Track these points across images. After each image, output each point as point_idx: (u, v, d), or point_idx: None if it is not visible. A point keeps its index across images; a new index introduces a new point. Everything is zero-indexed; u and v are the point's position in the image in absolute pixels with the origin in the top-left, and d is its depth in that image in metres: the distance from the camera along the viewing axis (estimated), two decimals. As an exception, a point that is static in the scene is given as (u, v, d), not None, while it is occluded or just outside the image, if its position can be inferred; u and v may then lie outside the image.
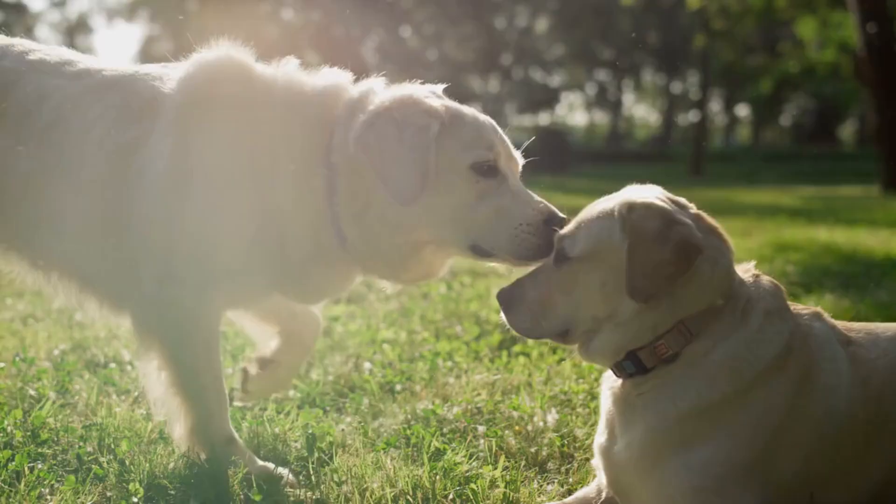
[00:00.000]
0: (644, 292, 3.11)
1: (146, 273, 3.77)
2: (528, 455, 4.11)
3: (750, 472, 3.12)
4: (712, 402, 3.14)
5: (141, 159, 3.77)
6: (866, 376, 3.28)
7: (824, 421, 3.19)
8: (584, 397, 4.85)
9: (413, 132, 3.58)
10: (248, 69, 3.85)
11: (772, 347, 3.19)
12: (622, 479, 3.31)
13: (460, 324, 6.71)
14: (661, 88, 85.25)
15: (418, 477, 3.75)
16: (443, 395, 4.99)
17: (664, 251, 3.08)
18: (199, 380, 3.85)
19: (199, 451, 3.90)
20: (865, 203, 22.73)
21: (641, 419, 3.23)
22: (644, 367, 3.24)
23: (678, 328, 3.19)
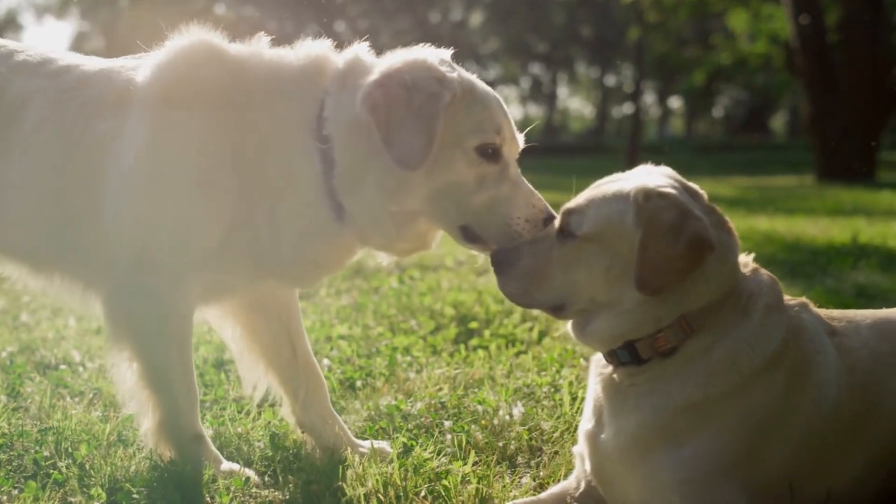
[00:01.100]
0: (652, 285, 3.05)
1: (120, 261, 3.68)
2: (496, 449, 4.06)
3: (739, 466, 3.09)
4: (708, 398, 3.10)
5: (117, 147, 3.68)
6: (852, 366, 3.27)
7: (814, 413, 3.17)
8: (547, 390, 4.81)
9: (423, 98, 3.49)
10: (222, 51, 3.76)
11: (771, 343, 3.16)
12: (608, 468, 3.26)
13: (414, 318, 6.65)
14: (595, 81, 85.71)
15: (388, 474, 3.68)
16: (405, 390, 4.93)
17: (677, 246, 3.01)
18: (170, 373, 3.76)
19: (166, 448, 3.81)
20: (801, 192, 23.00)
21: (634, 410, 3.17)
22: (640, 357, 3.18)
23: (679, 322, 3.13)
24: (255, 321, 4.14)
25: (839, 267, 9.59)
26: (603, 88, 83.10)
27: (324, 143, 3.61)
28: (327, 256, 3.81)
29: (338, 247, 3.78)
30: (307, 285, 4.19)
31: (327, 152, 3.61)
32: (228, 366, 5.43)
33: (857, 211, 16.84)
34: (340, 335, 6.12)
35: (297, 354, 4.16)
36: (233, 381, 5.08)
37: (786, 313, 3.24)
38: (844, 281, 8.67)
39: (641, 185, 3.15)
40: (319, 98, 3.66)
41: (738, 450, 3.09)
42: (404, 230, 3.65)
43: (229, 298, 4.02)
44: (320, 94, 3.67)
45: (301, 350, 4.17)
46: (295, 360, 4.16)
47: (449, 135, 3.52)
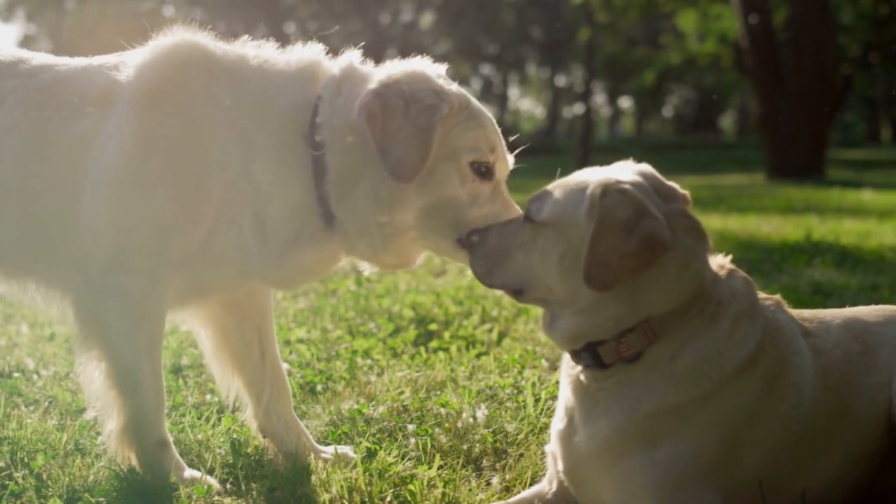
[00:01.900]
0: (600, 281, 2.99)
1: (94, 260, 3.61)
2: (461, 453, 4.02)
3: (714, 469, 3.06)
4: (679, 403, 3.07)
5: (99, 145, 3.61)
6: (826, 368, 3.26)
7: (790, 415, 3.16)
8: (510, 391, 4.79)
9: (420, 109, 3.46)
10: (209, 52, 3.71)
11: (741, 351, 3.12)
12: (580, 470, 3.23)
13: (373, 320, 6.61)
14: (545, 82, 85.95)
15: (353, 480, 3.63)
16: (366, 393, 4.88)
17: (629, 243, 2.96)
18: (139, 375, 3.68)
19: (129, 453, 3.74)
20: (752, 191, 23.17)
21: (605, 414, 3.14)
22: (602, 362, 3.15)
23: (642, 327, 3.09)
24: (228, 323, 4.08)
25: (794, 264, 9.67)
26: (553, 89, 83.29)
27: (316, 149, 3.57)
28: (314, 263, 3.76)
29: (325, 254, 3.74)
30: (290, 289, 4.16)
31: (319, 159, 3.57)
32: (187, 371, 5.36)
33: (809, 209, 17.01)
34: (299, 339, 6.06)
35: (265, 358, 4.11)
36: (191, 388, 5.02)
37: (761, 316, 3.20)
38: (800, 278, 8.73)
39: (603, 178, 3.11)
40: (312, 103, 3.62)
41: (713, 453, 3.06)
42: (391, 243, 3.61)
43: (206, 300, 3.96)
44: (313, 100, 3.63)
45: (270, 354, 4.12)
46: (263, 364, 4.11)
47: (444, 149, 3.51)
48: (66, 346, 6.02)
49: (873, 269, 9.45)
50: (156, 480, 3.66)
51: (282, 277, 3.78)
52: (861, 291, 7.93)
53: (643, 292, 3.06)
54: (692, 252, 3.10)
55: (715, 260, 3.28)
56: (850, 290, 8.06)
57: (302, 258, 3.70)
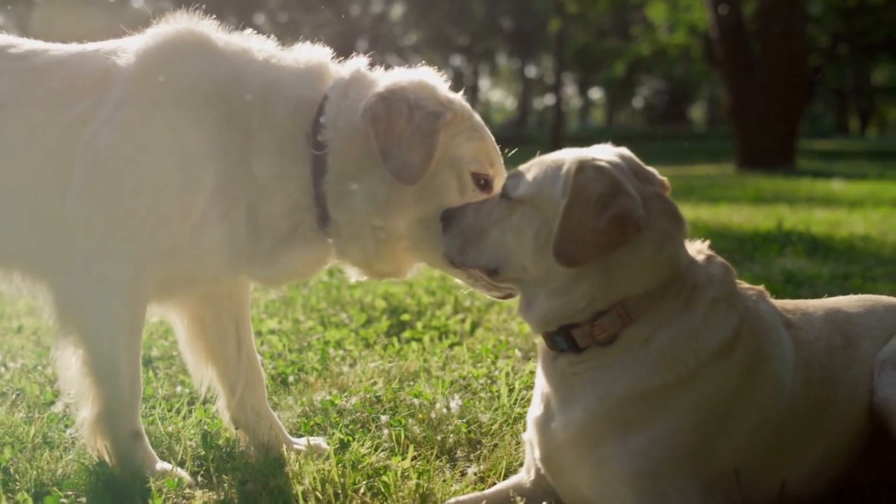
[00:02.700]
0: (570, 256, 2.95)
1: (78, 246, 3.55)
2: (435, 444, 3.99)
3: (692, 458, 3.03)
4: (654, 388, 3.03)
5: (91, 131, 3.56)
6: (808, 360, 3.24)
7: (769, 405, 3.13)
8: (483, 381, 4.76)
9: (424, 115, 3.48)
10: (213, 43, 3.68)
11: (717, 336, 3.08)
12: (557, 457, 3.19)
13: (345, 311, 6.57)
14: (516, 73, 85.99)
15: (326, 471, 3.59)
16: (339, 384, 4.84)
17: (601, 220, 2.92)
18: (116, 363, 3.62)
19: (102, 442, 3.68)
20: (723, 181, 23.24)
21: (580, 400, 3.10)
22: (577, 345, 3.11)
23: (616, 310, 3.05)
24: (205, 312, 4.04)
25: (766, 254, 9.69)
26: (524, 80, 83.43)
27: (318, 148, 3.55)
28: (302, 264, 3.74)
29: (315, 255, 3.72)
30: (275, 286, 4.12)
31: (320, 158, 3.55)
32: (157, 363, 5.31)
33: (779, 198, 17.08)
34: (270, 330, 6.01)
35: (241, 349, 4.07)
36: (161, 379, 4.96)
37: (740, 303, 3.17)
38: (772, 267, 8.74)
39: (580, 155, 3.09)
40: (318, 103, 3.60)
41: (691, 440, 3.03)
42: (384, 250, 3.60)
43: (191, 291, 3.91)
44: (319, 99, 3.61)
45: (245, 345, 4.08)
46: (238, 355, 4.07)
47: (446, 158, 3.52)
48: (33, 339, 5.95)
49: (844, 259, 9.48)
50: (127, 472, 3.61)
51: (270, 275, 3.77)
52: (832, 280, 7.95)
53: (617, 273, 3.03)
54: (667, 234, 3.07)
55: (693, 246, 3.25)
56: (821, 279, 8.08)
57: (292, 258, 3.69)
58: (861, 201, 16.71)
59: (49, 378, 4.94)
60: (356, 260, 3.66)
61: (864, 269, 8.64)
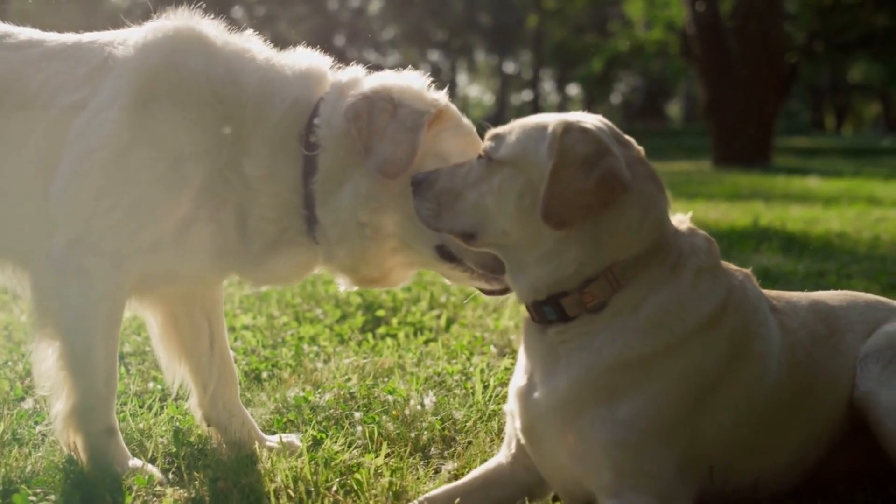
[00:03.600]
0: (558, 217, 2.92)
1: (58, 237, 3.52)
2: (409, 441, 3.96)
3: (676, 432, 3.00)
4: (642, 355, 3.00)
5: (82, 121, 3.54)
6: (792, 345, 3.23)
7: (755, 386, 3.12)
8: (458, 378, 4.73)
9: (408, 112, 3.49)
10: (212, 41, 3.67)
11: (705, 305, 3.06)
12: (538, 428, 3.14)
13: (320, 307, 6.54)
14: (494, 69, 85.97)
15: (298, 469, 3.56)
16: (312, 381, 4.81)
17: (588, 180, 2.90)
18: (92, 357, 3.59)
19: (75, 438, 3.63)
20: (699, 177, 23.29)
21: (565, 369, 3.05)
22: (566, 315, 3.07)
23: (605, 276, 3.02)
24: (178, 308, 4.01)
25: (742, 250, 9.72)
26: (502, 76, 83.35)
27: (309, 149, 3.55)
28: (288, 268, 3.73)
29: (302, 259, 3.70)
30: (262, 287, 4.10)
31: (311, 159, 3.54)
32: (129, 359, 5.26)
33: (755, 195, 17.14)
34: (244, 325, 5.98)
35: (213, 346, 4.04)
36: (133, 375, 4.92)
37: (725, 278, 3.15)
38: (748, 264, 8.62)
39: (564, 118, 3.07)
40: (313, 105, 3.60)
41: (676, 413, 3.00)
42: (371, 251, 3.57)
43: (173, 289, 3.88)
44: (315, 101, 3.61)
45: (219, 341, 4.05)
46: (211, 352, 4.04)
47: (431, 153, 3.52)
48: (4, 334, 5.89)
49: (820, 256, 9.51)
50: (98, 468, 3.57)
51: (256, 277, 3.76)
52: (808, 277, 7.97)
53: (604, 236, 3.00)
54: (652, 198, 3.05)
55: (675, 217, 3.22)
56: (797, 275, 8.10)
57: (278, 262, 3.68)
58: (836, 198, 16.78)
59: (20, 374, 4.89)
60: (343, 264, 3.63)
61: (840, 266, 8.67)
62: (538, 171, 2.99)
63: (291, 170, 3.58)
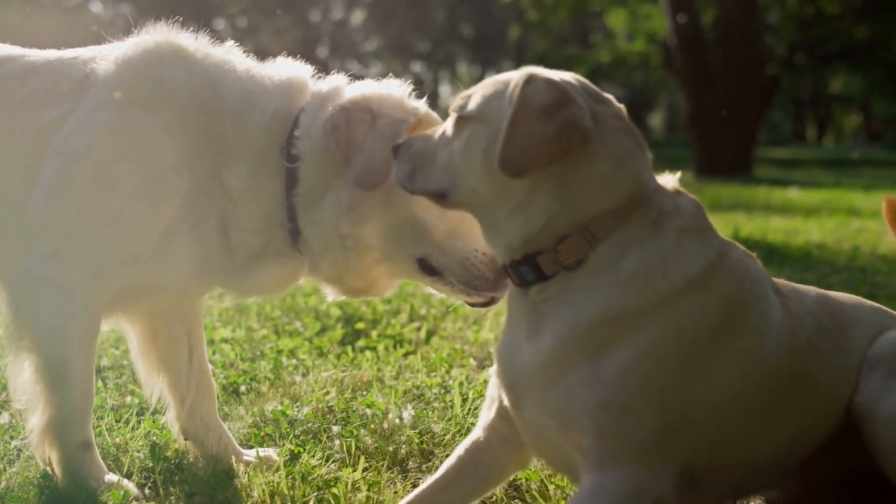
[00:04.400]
0: (515, 166, 2.85)
1: (36, 248, 3.50)
2: (386, 454, 3.95)
3: (662, 396, 2.88)
4: (625, 312, 2.89)
5: (63, 134, 3.53)
6: (795, 329, 3.12)
7: (750, 362, 3.00)
8: (437, 391, 4.72)
9: (387, 122, 3.46)
10: (189, 53, 3.66)
11: (691, 265, 2.94)
12: (521, 389, 3.05)
13: (299, 319, 6.52)
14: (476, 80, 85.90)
15: (275, 484, 3.55)
16: (291, 394, 4.79)
17: (547, 128, 2.83)
18: (69, 370, 3.55)
19: (51, 452, 3.61)
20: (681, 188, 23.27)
21: (549, 328, 2.96)
22: (544, 274, 2.99)
23: (581, 233, 2.93)
24: (157, 321, 3.99)
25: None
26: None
27: (291, 161, 3.53)
28: (273, 280, 3.71)
29: (287, 271, 3.69)
30: (246, 299, 4.08)
31: (293, 171, 3.53)
32: (107, 372, 5.23)
33: (737, 206, 17.17)
34: (223, 338, 5.95)
35: (192, 359, 4.02)
36: (110, 389, 4.89)
37: (716, 242, 3.04)
38: (728, 275, 8.74)
39: (529, 69, 3.02)
40: (293, 115, 3.58)
41: (662, 376, 2.88)
42: (355, 262, 3.55)
43: (155, 302, 3.85)
44: (295, 112, 3.59)
45: (197, 355, 4.03)
46: (189, 365, 4.01)
47: None
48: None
49: (800, 266, 9.54)
50: (73, 484, 3.55)
51: (239, 289, 3.75)
52: (788, 288, 7.96)
53: (573, 188, 2.92)
54: (626, 152, 2.97)
55: (662, 177, 3.13)
56: (777, 287, 8.09)
57: (263, 273, 3.66)
58: (817, 209, 16.85)
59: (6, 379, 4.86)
60: (328, 275, 3.62)
61: (820, 277, 8.68)
62: (501, 123, 2.92)
63: (273, 182, 3.56)
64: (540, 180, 2.92)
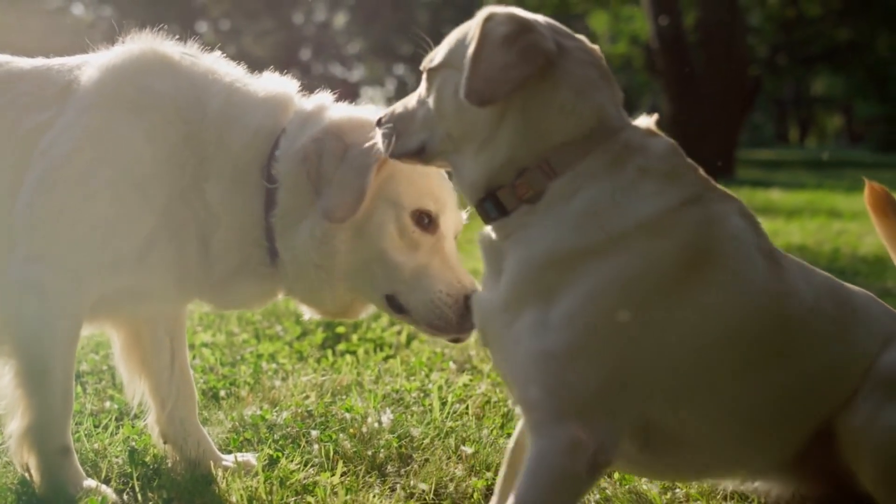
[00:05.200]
0: (480, 94, 2.84)
1: (18, 252, 3.49)
2: (365, 459, 3.96)
3: (608, 346, 2.78)
4: (573, 251, 2.80)
5: (48, 139, 3.52)
6: (785, 297, 2.94)
7: (714, 318, 2.84)
8: (416, 395, 4.73)
9: (356, 154, 3.40)
10: (174, 62, 3.65)
11: (644, 207, 2.82)
12: (488, 331, 3.01)
13: (280, 323, 6.52)
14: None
15: (253, 489, 3.55)
16: (270, 399, 4.79)
17: (510, 54, 2.83)
18: (49, 375, 3.54)
19: (29, 457, 3.60)
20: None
21: (508, 267, 2.92)
22: (505, 209, 2.96)
23: (540, 166, 2.90)
24: (141, 325, 3.99)
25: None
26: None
27: (271, 182, 3.52)
28: (252, 296, 3.73)
29: (265, 288, 3.69)
30: (224, 311, 4.07)
31: (272, 192, 3.51)
32: (86, 377, 5.22)
33: (718, 208, 17.15)
34: (204, 343, 5.94)
35: (174, 363, 4.02)
36: (89, 394, 4.89)
37: (686, 188, 2.91)
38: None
39: (489, 9, 3.00)
40: (276, 135, 3.56)
41: (607, 324, 2.77)
42: (327, 290, 3.54)
43: (138, 308, 3.86)
44: (278, 131, 3.57)
45: (179, 359, 4.04)
46: (171, 369, 4.02)
47: (384, 195, 3.45)
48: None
49: (780, 268, 9.53)
50: (51, 489, 3.54)
51: (219, 303, 3.75)
52: (768, 290, 7.98)
53: (535, 117, 2.90)
54: (590, 82, 2.95)
55: (640, 119, 3.08)
56: (757, 289, 8.11)
57: (241, 289, 3.66)
58: (799, 210, 16.91)
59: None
60: (304, 298, 3.64)
61: (799, 279, 8.69)
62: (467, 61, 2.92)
63: (253, 200, 3.55)
64: (506, 113, 2.91)
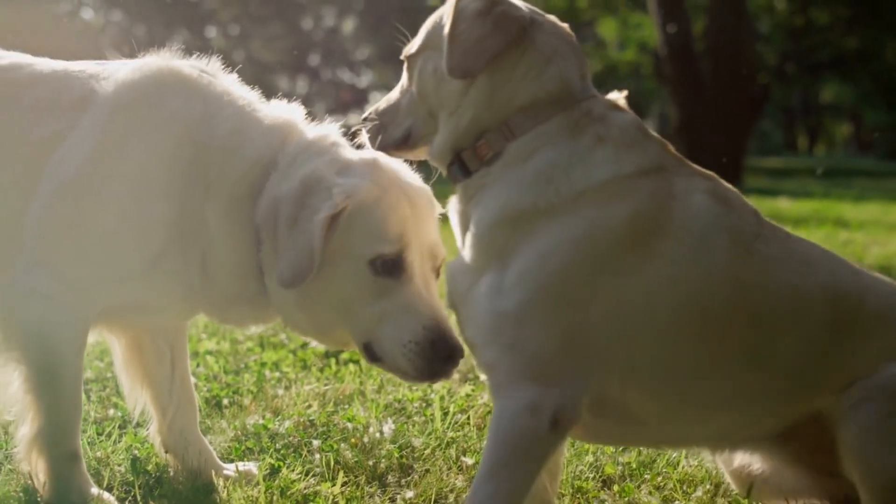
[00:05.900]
0: (461, 66, 3.00)
1: (24, 259, 3.50)
2: (366, 469, 3.97)
3: (559, 308, 2.84)
4: (524, 211, 2.89)
5: (62, 150, 3.53)
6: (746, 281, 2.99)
7: (667, 288, 2.89)
8: (418, 405, 4.74)
9: (307, 214, 3.33)
10: (193, 83, 3.64)
11: (595, 173, 2.91)
12: (454, 295, 3.09)
13: (284, 331, 6.52)
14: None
15: (254, 498, 3.57)
16: (273, 408, 4.81)
17: (485, 26, 3.00)
18: (59, 381, 3.56)
19: (38, 462, 3.61)
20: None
21: (469, 228, 3.04)
22: (469, 171, 3.08)
23: (500, 128, 3.03)
24: (142, 334, 4.01)
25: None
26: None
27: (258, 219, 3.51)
28: (254, 319, 3.77)
29: (265, 313, 3.70)
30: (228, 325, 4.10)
31: (259, 229, 3.49)
32: (90, 385, 5.24)
33: (725, 216, 17.13)
34: (208, 350, 5.96)
35: (175, 372, 4.04)
36: (93, 402, 4.91)
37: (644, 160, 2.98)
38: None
39: None
40: (270, 169, 3.54)
41: (558, 286, 2.85)
42: (313, 332, 3.61)
43: (146, 320, 3.88)
44: (273, 165, 3.54)
45: (180, 368, 4.05)
46: (172, 378, 4.03)
47: (341, 249, 3.36)
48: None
49: (785, 278, 9.52)
50: (59, 495, 3.56)
51: (222, 318, 3.78)
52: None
53: (500, 81, 3.05)
54: (557, 51, 3.09)
55: (612, 94, 3.22)
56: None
57: (241, 311, 3.69)
58: (806, 219, 16.90)
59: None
60: (296, 329, 3.67)
61: (804, 289, 8.67)
62: (444, 41, 3.08)
63: (247, 233, 3.53)
64: (475, 80, 3.05)
